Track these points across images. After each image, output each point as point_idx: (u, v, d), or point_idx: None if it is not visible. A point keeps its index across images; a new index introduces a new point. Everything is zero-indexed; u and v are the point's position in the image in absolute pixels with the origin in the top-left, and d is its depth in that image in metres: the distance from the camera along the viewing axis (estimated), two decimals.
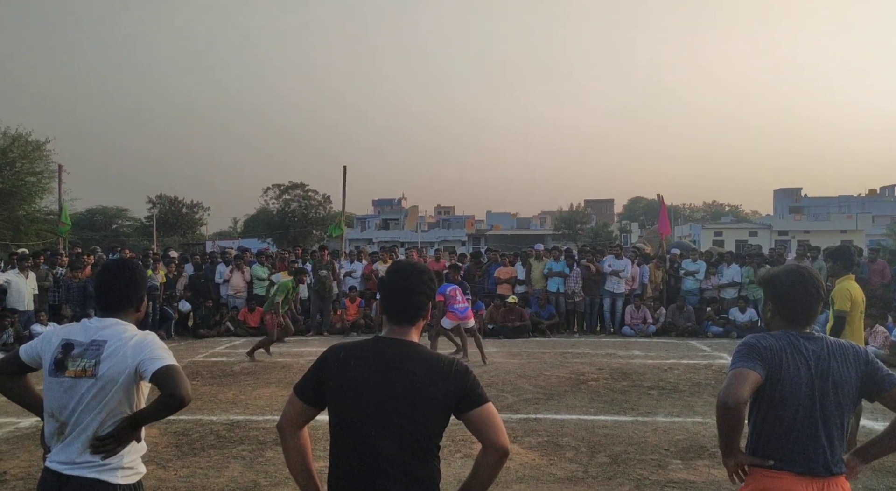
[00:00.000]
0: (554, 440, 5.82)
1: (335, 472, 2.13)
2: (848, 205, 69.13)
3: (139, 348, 2.38)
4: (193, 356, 10.77)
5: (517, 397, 7.51)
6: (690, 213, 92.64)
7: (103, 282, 2.57)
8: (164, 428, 6.17)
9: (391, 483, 2.03)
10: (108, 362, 2.36)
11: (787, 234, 56.88)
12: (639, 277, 14.15)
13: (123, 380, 2.36)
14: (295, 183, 52.72)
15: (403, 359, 2.11)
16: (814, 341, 2.41)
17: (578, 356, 10.53)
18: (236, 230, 71.69)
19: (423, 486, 2.08)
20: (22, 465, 5.22)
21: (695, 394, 7.68)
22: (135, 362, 2.35)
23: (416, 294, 2.19)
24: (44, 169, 23.92)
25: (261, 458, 5.34)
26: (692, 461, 5.22)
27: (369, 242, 52.54)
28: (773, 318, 2.54)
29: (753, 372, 2.32)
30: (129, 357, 2.36)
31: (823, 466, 2.33)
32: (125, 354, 2.36)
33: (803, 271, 2.52)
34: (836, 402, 2.36)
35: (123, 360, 2.36)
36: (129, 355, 2.36)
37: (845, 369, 2.37)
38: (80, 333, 2.46)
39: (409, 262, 2.36)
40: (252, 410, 7.02)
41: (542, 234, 62.48)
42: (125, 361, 2.36)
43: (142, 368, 2.35)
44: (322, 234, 47.17)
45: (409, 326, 2.20)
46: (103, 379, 2.35)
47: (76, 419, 2.36)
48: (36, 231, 23.73)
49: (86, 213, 49.67)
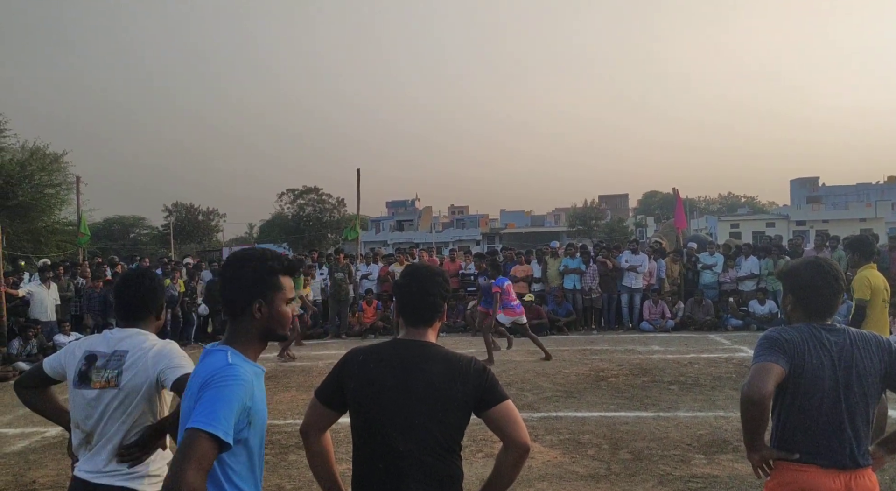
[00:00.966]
0: (575, 438, 5.80)
1: (358, 474, 2.15)
2: (867, 193, 68.15)
3: (159, 357, 2.41)
4: None
5: (537, 396, 7.50)
6: (706, 205, 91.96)
7: (122, 292, 2.61)
8: None
9: (414, 484, 2.04)
10: (130, 372, 2.40)
11: (805, 224, 56.20)
12: (656, 271, 14.08)
13: (146, 389, 2.40)
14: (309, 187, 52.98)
15: (422, 359, 2.13)
16: (836, 333, 2.40)
17: (597, 353, 10.49)
18: (252, 236, 72.12)
19: (445, 485, 2.10)
20: (50, 474, 5.30)
21: (716, 388, 7.63)
22: (156, 371, 2.39)
23: (431, 296, 2.22)
24: (62, 181, 24.23)
25: (284, 462, 5.38)
26: (715, 456, 5.19)
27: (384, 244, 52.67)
28: (794, 310, 2.53)
29: (777, 365, 2.31)
30: (150, 367, 2.40)
31: (850, 458, 2.32)
32: (146, 364, 2.40)
33: (822, 263, 2.50)
34: (861, 393, 2.34)
35: (145, 369, 2.40)
36: (150, 365, 2.40)
37: (868, 360, 2.36)
38: (102, 345, 2.50)
39: (423, 264, 2.39)
40: (273, 414, 7.07)
41: (556, 231, 62.19)
42: (146, 370, 2.39)
43: (163, 376, 2.38)
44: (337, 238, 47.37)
45: (425, 328, 2.22)
46: (126, 389, 2.39)
47: (102, 429, 2.41)
48: (56, 242, 24.02)
49: (103, 222, 50.27)
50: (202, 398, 1.73)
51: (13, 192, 21.22)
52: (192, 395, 1.78)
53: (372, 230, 70.23)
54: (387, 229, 75.77)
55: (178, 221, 57.38)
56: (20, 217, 22.39)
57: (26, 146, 24.04)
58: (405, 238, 60.55)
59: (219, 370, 1.79)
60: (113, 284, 12.75)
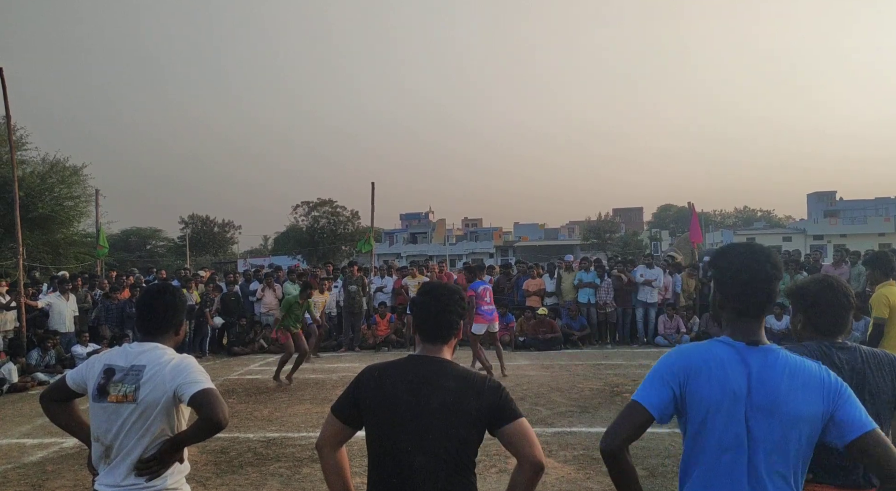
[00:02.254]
0: (589, 453, 5.77)
1: (373, 489, 2.17)
2: (885, 207, 67.35)
3: (177, 372, 2.44)
4: (229, 374, 10.92)
5: (551, 411, 7.47)
6: (722, 219, 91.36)
7: (144, 306, 2.64)
8: (203, 446, 6.26)
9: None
10: (147, 387, 2.42)
11: (822, 238, 55.75)
12: (672, 286, 14.00)
13: (163, 403, 2.42)
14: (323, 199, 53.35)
15: (437, 376, 2.15)
16: (847, 351, 2.39)
17: (612, 367, 10.43)
18: (267, 248, 72.62)
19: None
20: (67, 484, 5.35)
21: None
22: (173, 386, 2.41)
23: (449, 313, 2.24)
24: (81, 193, 24.61)
25: (298, 475, 5.40)
26: None
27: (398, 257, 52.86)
28: (804, 329, 2.52)
29: None
30: (168, 381, 2.42)
31: (864, 478, 2.31)
32: (163, 379, 2.42)
33: (831, 280, 2.50)
34: (874, 412, 2.32)
35: (162, 384, 2.42)
36: (168, 380, 2.42)
37: (881, 379, 2.35)
38: (120, 358, 2.52)
39: (440, 282, 2.42)
40: (288, 427, 7.10)
41: (570, 244, 62.15)
42: (163, 385, 2.42)
43: (180, 391, 2.41)
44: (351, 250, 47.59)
45: (441, 345, 2.25)
46: (144, 403, 2.41)
47: (120, 443, 2.43)
48: (74, 254, 24.36)
49: (121, 234, 50.89)
50: None
51: (33, 204, 21.55)
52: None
53: (385, 242, 70.48)
54: (400, 242, 76.02)
55: (194, 233, 57.98)
56: (40, 229, 22.74)
57: (47, 159, 24.50)
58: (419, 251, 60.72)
59: None
60: (133, 296, 12.96)
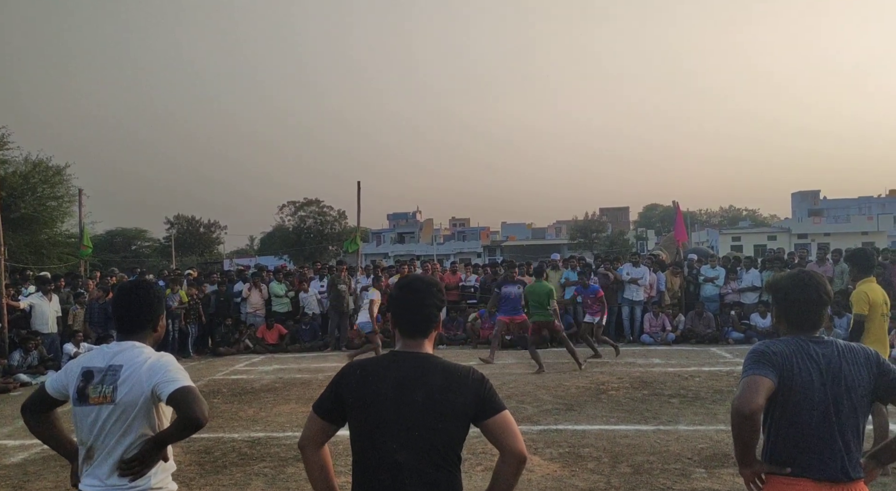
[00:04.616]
0: (575, 451, 5.79)
1: (358, 486, 2.15)
2: (868, 206, 68.16)
3: (154, 371, 2.40)
4: (213, 374, 10.84)
5: (537, 408, 7.48)
6: (707, 218, 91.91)
7: (119, 304, 2.60)
8: (187, 446, 6.21)
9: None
10: (125, 387, 2.39)
11: (806, 237, 56.21)
12: (656, 284, 14.07)
13: (142, 403, 2.39)
14: (310, 199, 53.24)
15: (421, 371, 2.14)
16: (823, 345, 2.40)
17: (598, 365, 10.47)
18: (253, 248, 72.26)
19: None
20: (49, 486, 5.29)
21: (717, 401, 7.60)
22: (150, 385, 2.38)
23: (427, 307, 2.21)
24: (64, 193, 24.39)
25: (282, 474, 5.37)
26: (716, 470, 5.17)
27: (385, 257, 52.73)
28: (780, 323, 2.55)
29: (766, 379, 2.31)
30: (145, 381, 2.39)
31: (841, 471, 2.31)
32: (140, 378, 2.39)
33: (804, 276, 2.51)
34: (851, 405, 2.34)
35: (139, 383, 2.39)
36: (145, 379, 2.39)
37: (857, 372, 2.35)
38: (98, 360, 2.49)
39: (417, 275, 2.39)
40: (273, 426, 7.06)
41: (557, 243, 62.25)
42: (141, 384, 2.39)
43: (158, 390, 2.37)
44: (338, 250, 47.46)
45: (422, 339, 2.22)
46: (122, 404, 2.38)
47: (101, 444, 2.41)
48: (58, 254, 24.10)
49: (105, 235, 50.38)
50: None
51: (16, 204, 21.32)
52: None
53: (373, 242, 70.31)
54: (388, 241, 75.90)
55: (180, 234, 57.60)
56: (22, 229, 22.49)
57: (29, 159, 24.25)
58: (406, 250, 60.65)
59: None
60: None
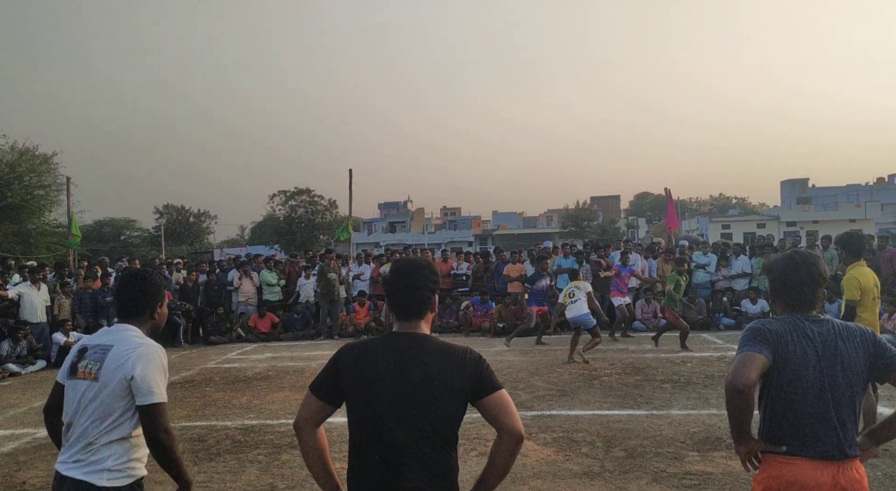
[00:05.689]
0: (569, 436, 5.80)
1: (355, 466, 2.13)
2: (856, 194, 68.53)
3: (137, 363, 2.43)
4: (206, 363, 10.81)
5: (530, 394, 7.50)
6: (697, 206, 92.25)
7: (118, 290, 2.73)
8: (180, 434, 6.19)
9: (411, 474, 2.04)
10: (109, 366, 2.44)
11: (795, 224, 56.44)
12: (648, 270, 14.11)
13: (117, 384, 2.42)
14: (301, 188, 52.97)
15: (419, 350, 2.14)
16: (820, 324, 2.40)
17: (590, 352, 10.49)
18: (244, 238, 71.97)
19: (441, 478, 2.09)
20: (40, 475, 5.25)
21: (708, 386, 7.65)
22: (130, 374, 2.41)
23: (419, 289, 2.21)
24: (52, 182, 24.12)
25: (276, 461, 5.36)
26: (709, 453, 5.20)
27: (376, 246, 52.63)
28: (776, 304, 2.55)
29: (760, 355, 2.31)
30: (127, 367, 2.42)
31: (837, 449, 2.31)
32: (123, 362, 2.43)
33: (796, 256, 2.50)
34: (847, 383, 2.33)
35: (121, 367, 2.42)
36: (127, 366, 2.42)
37: (853, 351, 2.35)
38: (96, 338, 2.60)
39: (410, 258, 2.39)
40: (266, 414, 7.04)
41: (548, 232, 62.32)
42: (122, 368, 2.42)
43: (134, 388, 2.41)
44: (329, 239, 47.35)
45: (417, 320, 2.22)
46: (101, 382, 2.43)
47: (78, 421, 2.45)
48: (46, 244, 23.89)
49: (94, 225, 49.99)
50: None
51: (2, 193, 21.11)
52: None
53: (364, 232, 70.14)
54: (379, 231, 75.70)
55: (170, 223, 57.27)
56: (9, 218, 22.28)
57: (16, 147, 23.96)
58: (397, 239, 60.50)
59: None
60: (104, 285, 12.75)
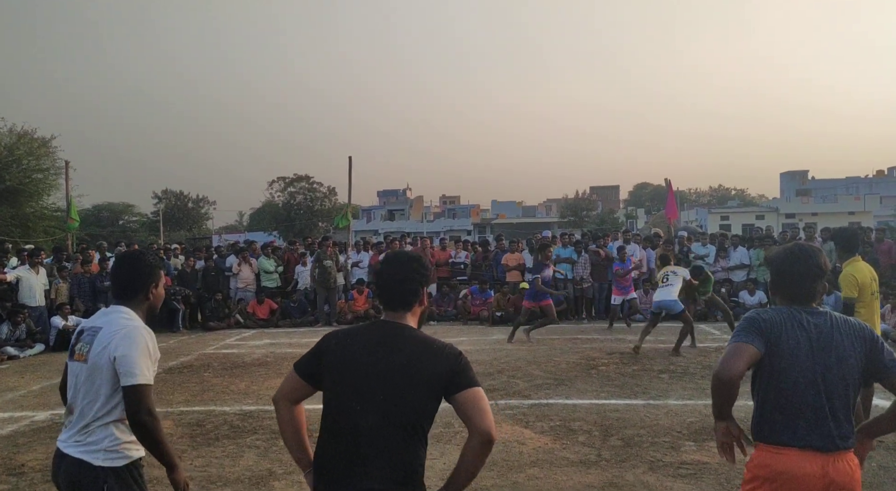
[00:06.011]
0: (566, 424, 5.83)
1: (320, 453, 2.15)
2: (856, 186, 68.49)
3: (120, 344, 2.44)
4: (204, 348, 10.83)
5: (528, 383, 7.52)
6: (696, 197, 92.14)
7: (113, 271, 2.76)
8: (178, 419, 6.21)
9: (372, 465, 2.02)
10: (97, 348, 2.47)
11: (794, 216, 56.46)
12: (646, 261, 14.12)
13: (104, 366, 2.44)
14: (300, 175, 52.77)
15: (395, 338, 2.15)
16: (817, 316, 2.41)
17: (588, 342, 10.53)
18: (242, 224, 71.86)
19: (404, 471, 2.04)
20: (39, 457, 5.27)
21: (705, 376, 7.67)
22: (114, 355, 2.43)
23: (408, 282, 2.24)
24: (50, 166, 24.01)
25: (275, 446, 5.38)
26: (705, 443, 5.22)
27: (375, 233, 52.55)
28: (775, 295, 2.57)
29: (751, 346, 2.34)
30: (112, 348, 2.44)
31: (828, 440, 2.31)
32: (109, 343, 2.46)
33: (796, 249, 2.52)
34: (840, 375, 2.34)
35: (106, 348, 2.45)
36: (112, 347, 2.44)
37: (850, 344, 2.36)
38: (91, 321, 2.64)
39: (401, 251, 2.44)
40: (264, 400, 7.05)
41: (547, 221, 62.27)
42: (107, 350, 2.45)
43: (118, 368, 2.42)
44: (328, 226, 47.26)
45: (403, 312, 2.23)
46: (91, 364, 2.46)
47: (77, 402, 2.50)
48: (44, 228, 23.85)
49: (92, 209, 49.89)
50: None
51: (0, 176, 21.00)
52: None
53: (363, 219, 70.02)
54: (378, 218, 75.60)
55: (168, 209, 57.15)
56: (8, 202, 22.21)
57: (14, 130, 23.82)
58: (396, 227, 60.42)
59: None
60: (102, 269, 12.73)
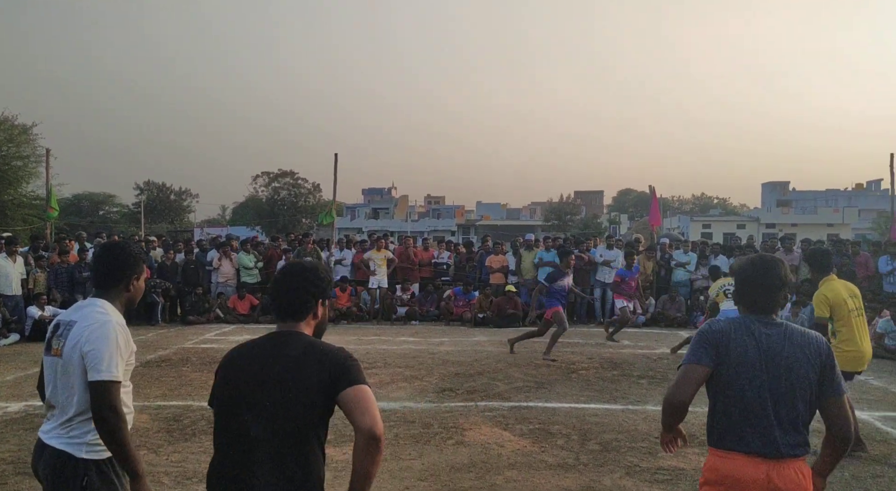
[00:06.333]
0: (545, 428, 5.85)
1: (213, 463, 2.13)
2: (835, 198, 69.47)
3: (90, 338, 2.41)
4: (183, 343, 10.73)
5: (508, 385, 7.54)
6: (679, 205, 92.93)
7: (94, 260, 2.76)
8: (155, 414, 6.15)
9: (262, 474, 1.99)
10: (70, 343, 2.44)
11: (774, 227, 57.14)
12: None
13: (77, 360, 2.42)
14: (285, 170, 52.53)
15: (283, 346, 2.13)
16: (770, 326, 2.45)
17: (569, 346, 10.56)
18: (225, 218, 71.32)
19: (297, 477, 2.00)
20: (11, 449, 5.19)
21: None
22: (83, 350, 2.41)
23: (300, 292, 2.21)
24: (30, 153, 23.71)
25: None
26: (682, 449, 5.24)
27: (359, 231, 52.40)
28: (738, 305, 2.61)
29: (700, 367, 2.42)
30: (83, 342, 2.42)
31: (772, 447, 2.34)
32: (80, 337, 2.43)
33: (758, 260, 2.56)
34: (789, 385, 2.37)
35: (78, 343, 2.43)
36: (83, 341, 2.42)
37: (801, 355, 2.39)
38: (67, 314, 2.60)
39: (299, 262, 2.41)
40: None
41: (531, 224, 62.48)
42: (79, 344, 2.42)
43: (86, 362, 2.40)
44: (311, 223, 47.07)
45: (294, 322, 2.21)
46: (65, 358, 2.44)
47: (55, 397, 2.48)
48: (22, 216, 23.52)
49: (72, 198, 49.26)
50: None
51: None
52: None
53: (347, 217, 69.75)
54: (362, 216, 75.29)
55: (150, 200, 56.53)
56: None
57: None
58: (380, 226, 60.27)
59: None
60: (81, 260, 12.57)
